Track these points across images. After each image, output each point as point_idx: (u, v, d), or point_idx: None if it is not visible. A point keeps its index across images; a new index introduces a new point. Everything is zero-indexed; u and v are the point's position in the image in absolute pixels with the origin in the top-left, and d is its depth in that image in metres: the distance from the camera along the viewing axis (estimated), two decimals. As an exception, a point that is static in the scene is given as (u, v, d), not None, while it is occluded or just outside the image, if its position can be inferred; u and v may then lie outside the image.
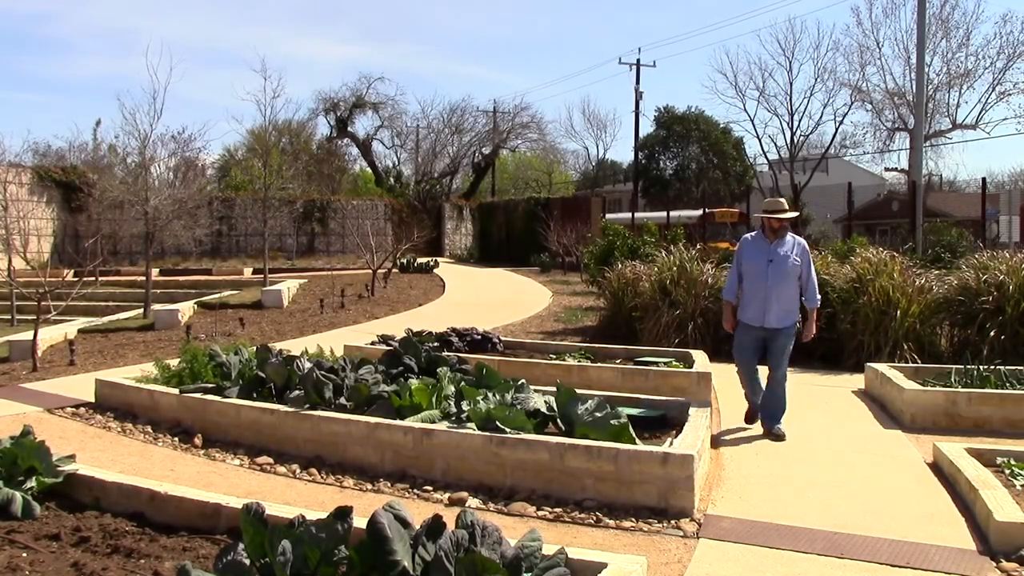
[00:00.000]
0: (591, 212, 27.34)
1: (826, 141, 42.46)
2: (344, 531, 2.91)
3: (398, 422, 5.54)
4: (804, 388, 8.12)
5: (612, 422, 5.10)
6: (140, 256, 24.12)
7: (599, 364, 8.34)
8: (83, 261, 14.43)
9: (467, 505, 4.76)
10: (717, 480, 5.25)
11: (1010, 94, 32.36)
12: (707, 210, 29.02)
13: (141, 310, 14.43)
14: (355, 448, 5.58)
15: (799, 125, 41.92)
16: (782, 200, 6.60)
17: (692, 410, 5.87)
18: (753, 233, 6.60)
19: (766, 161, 44.65)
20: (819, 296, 6.53)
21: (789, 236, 6.37)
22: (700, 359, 8.41)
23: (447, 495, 4.94)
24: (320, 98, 41.90)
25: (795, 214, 6.46)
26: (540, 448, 4.94)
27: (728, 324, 6.58)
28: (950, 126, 33.76)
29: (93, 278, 17.69)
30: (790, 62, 41.22)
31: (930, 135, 32.74)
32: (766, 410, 6.36)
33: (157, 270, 20.71)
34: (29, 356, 9.87)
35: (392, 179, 40.73)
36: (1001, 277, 8.98)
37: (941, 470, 5.35)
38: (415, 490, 5.08)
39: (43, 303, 10.31)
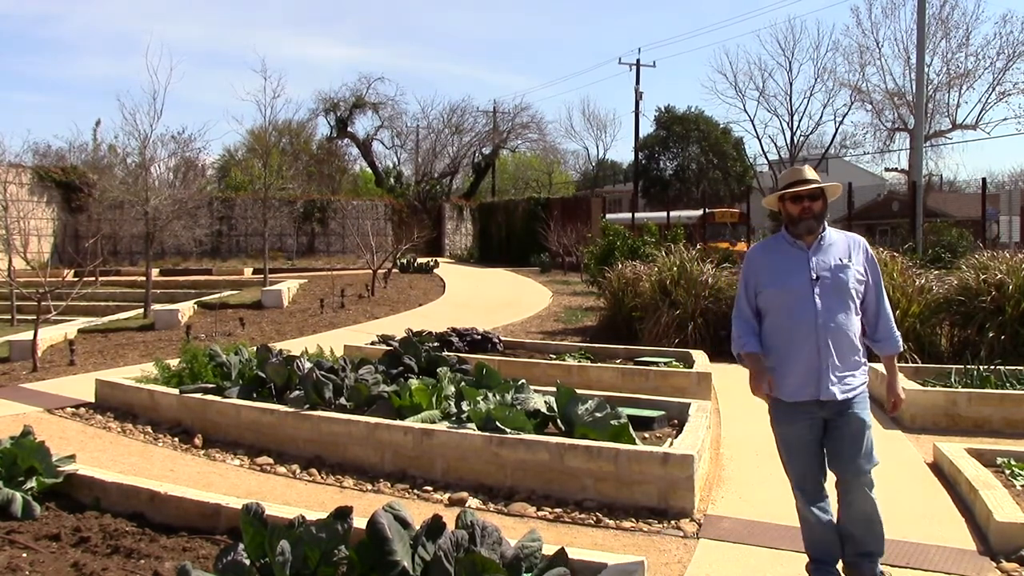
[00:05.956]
0: (591, 212, 27.37)
1: (826, 141, 42.62)
2: (344, 531, 2.91)
3: (398, 422, 5.54)
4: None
5: (612, 422, 5.10)
6: (140, 256, 24.14)
7: (599, 364, 8.34)
8: (83, 261, 14.42)
9: (467, 505, 4.76)
10: (717, 480, 5.25)
11: (1010, 94, 32.47)
12: (707, 210, 29.01)
13: (141, 310, 14.43)
14: (355, 448, 5.59)
15: (799, 125, 42.06)
16: (806, 168, 3.67)
17: (692, 410, 5.88)
18: (766, 240, 3.83)
19: (766, 161, 44.73)
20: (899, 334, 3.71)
21: (835, 231, 3.65)
22: (700, 359, 8.42)
23: (447, 495, 4.94)
24: (320, 98, 42.05)
25: (833, 184, 3.68)
26: (540, 448, 4.94)
27: (763, 387, 3.54)
28: (950, 126, 33.82)
29: (93, 278, 17.69)
30: (790, 62, 41.39)
31: (930, 135, 32.77)
32: (855, 543, 3.52)
33: (157, 270, 20.69)
34: (29, 356, 9.87)
35: (392, 179, 40.76)
36: (1001, 277, 8.97)
37: (941, 470, 5.35)
38: (415, 490, 5.08)
39: (43, 303, 10.31)
